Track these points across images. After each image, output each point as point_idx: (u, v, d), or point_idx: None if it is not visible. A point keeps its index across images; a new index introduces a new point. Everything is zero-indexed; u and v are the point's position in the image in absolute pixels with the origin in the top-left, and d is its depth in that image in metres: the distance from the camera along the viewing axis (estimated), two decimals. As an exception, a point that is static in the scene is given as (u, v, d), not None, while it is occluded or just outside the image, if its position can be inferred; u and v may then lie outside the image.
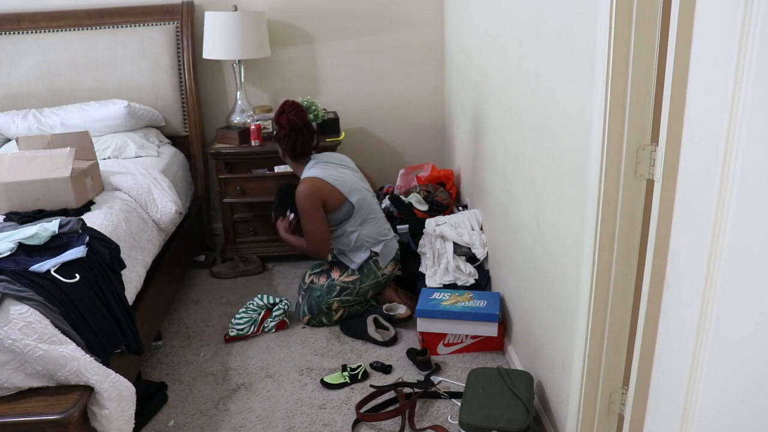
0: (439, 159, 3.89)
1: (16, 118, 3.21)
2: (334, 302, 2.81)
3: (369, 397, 2.31)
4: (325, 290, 2.82)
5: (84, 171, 2.56)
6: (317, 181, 2.72)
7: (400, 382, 2.41)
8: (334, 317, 2.83)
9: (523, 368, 2.33)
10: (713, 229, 1.13)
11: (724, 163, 1.08)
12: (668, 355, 1.39)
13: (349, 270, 2.82)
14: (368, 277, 2.82)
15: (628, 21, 1.35)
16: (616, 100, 1.40)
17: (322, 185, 2.72)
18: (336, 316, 2.83)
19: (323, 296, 2.81)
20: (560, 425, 1.96)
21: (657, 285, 1.39)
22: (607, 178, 1.46)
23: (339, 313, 2.83)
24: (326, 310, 2.82)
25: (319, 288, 2.83)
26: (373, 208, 2.85)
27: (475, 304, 2.54)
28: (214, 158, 3.34)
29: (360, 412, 2.23)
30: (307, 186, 2.71)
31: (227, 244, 3.48)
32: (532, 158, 2.07)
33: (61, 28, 3.39)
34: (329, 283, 2.82)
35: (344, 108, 3.73)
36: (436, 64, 3.75)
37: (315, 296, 2.83)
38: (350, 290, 2.81)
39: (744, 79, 1.01)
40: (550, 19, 1.82)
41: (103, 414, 1.84)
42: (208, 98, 3.70)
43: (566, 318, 1.82)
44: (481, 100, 2.79)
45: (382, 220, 2.90)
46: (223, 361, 2.63)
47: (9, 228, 2.24)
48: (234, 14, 3.31)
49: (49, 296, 1.86)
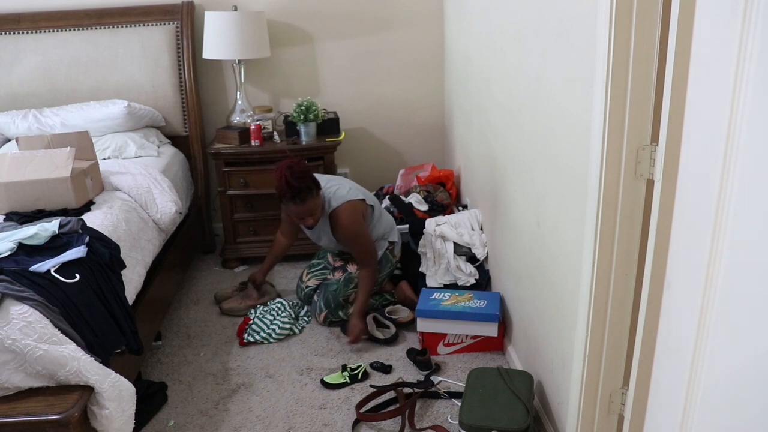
0: (439, 159, 3.89)
1: (16, 118, 3.20)
2: (352, 294, 2.81)
3: (369, 397, 2.31)
4: (342, 283, 2.82)
5: (84, 171, 2.56)
6: (351, 204, 2.67)
7: (400, 382, 2.41)
8: (351, 311, 2.82)
9: (523, 368, 2.33)
10: (713, 229, 1.13)
11: (724, 163, 1.08)
12: (668, 355, 1.39)
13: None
14: (386, 267, 2.86)
15: (628, 21, 1.35)
16: (616, 100, 1.40)
17: (356, 204, 2.69)
18: (352, 310, 2.83)
19: (340, 289, 2.81)
20: (560, 425, 1.96)
21: (657, 285, 1.39)
22: (607, 178, 1.46)
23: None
24: (343, 302, 2.82)
25: (336, 282, 2.83)
26: (378, 202, 2.90)
27: (475, 304, 2.54)
28: (214, 158, 3.34)
29: (360, 412, 2.23)
30: (349, 213, 2.65)
31: (227, 244, 3.48)
32: (532, 158, 2.07)
33: (61, 28, 3.39)
34: (346, 276, 2.83)
35: (344, 108, 3.73)
36: (436, 64, 3.75)
37: (331, 290, 2.82)
38: None
39: (744, 79, 1.01)
40: (550, 19, 1.82)
41: (103, 414, 1.84)
42: (208, 98, 3.70)
43: (566, 318, 1.82)
44: (481, 100, 2.79)
45: (385, 211, 2.96)
46: (223, 361, 2.63)
47: (9, 228, 2.24)
48: (234, 14, 3.31)
49: (49, 296, 1.86)
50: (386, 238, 2.84)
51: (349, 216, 2.64)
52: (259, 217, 3.41)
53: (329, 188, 2.71)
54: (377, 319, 2.77)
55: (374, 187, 3.74)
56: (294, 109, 3.33)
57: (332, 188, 2.71)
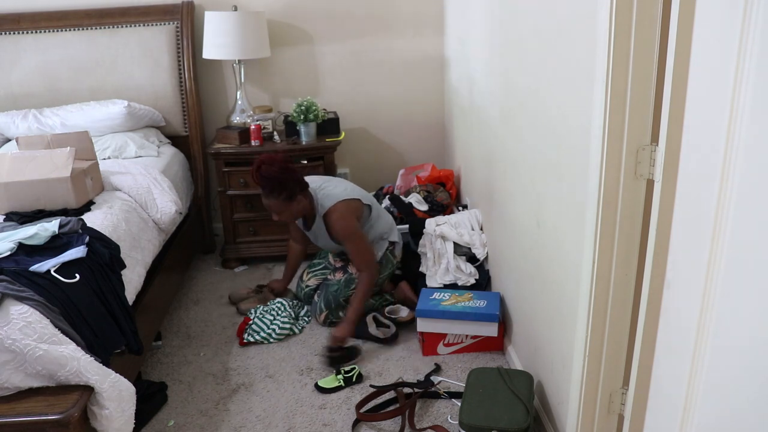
0: (439, 159, 3.89)
1: (16, 118, 3.21)
2: (352, 294, 2.81)
3: (369, 397, 2.31)
4: (342, 284, 2.82)
5: (84, 171, 2.56)
6: (344, 203, 2.65)
7: (400, 382, 2.41)
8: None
9: (523, 368, 2.33)
10: (713, 229, 1.13)
11: (724, 163, 1.08)
12: (668, 355, 1.39)
13: None
14: (386, 267, 2.85)
15: (628, 21, 1.35)
16: (616, 100, 1.40)
17: (350, 204, 2.67)
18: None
19: (341, 290, 2.81)
20: (560, 425, 1.96)
21: (657, 285, 1.39)
22: (607, 178, 1.46)
23: None
24: (343, 303, 2.81)
25: (336, 282, 2.83)
26: (376, 203, 2.89)
27: (475, 304, 2.54)
28: (214, 158, 3.34)
29: (360, 412, 2.23)
30: (341, 213, 2.63)
31: (227, 244, 3.48)
32: (532, 158, 2.07)
33: (61, 28, 3.39)
34: (347, 277, 2.83)
35: (344, 108, 3.73)
36: (436, 64, 3.75)
37: (332, 291, 2.82)
38: None
39: (744, 79, 1.01)
40: (550, 19, 1.82)
41: (103, 414, 1.84)
42: (208, 98, 3.70)
43: (566, 318, 1.82)
44: (481, 101, 2.79)
45: (384, 211, 2.95)
46: (223, 361, 2.63)
47: (9, 228, 2.24)
48: (234, 14, 3.31)
49: (49, 296, 1.86)
50: (386, 238, 2.84)
51: (340, 216, 2.64)
52: (259, 217, 3.41)
53: (323, 188, 2.70)
54: (377, 319, 2.77)
55: (374, 187, 3.74)
56: (294, 109, 3.33)
57: (326, 189, 2.70)
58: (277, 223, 3.07)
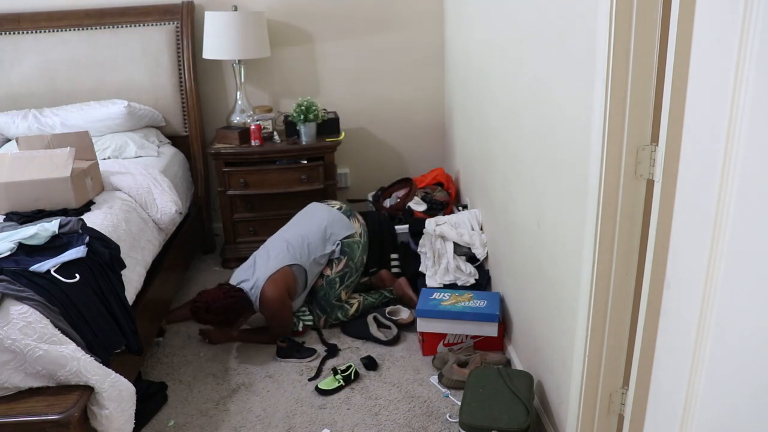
0: (439, 159, 3.89)
1: (16, 118, 3.21)
2: (341, 292, 2.81)
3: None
4: (326, 287, 2.82)
5: (84, 171, 2.56)
6: (271, 281, 2.64)
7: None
8: (350, 311, 2.82)
9: (523, 368, 2.33)
10: (713, 229, 1.13)
11: (724, 163, 1.08)
12: (668, 355, 1.39)
13: (335, 260, 2.82)
14: (354, 251, 2.85)
15: (628, 21, 1.35)
16: (616, 100, 1.40)
17: (276, 279, 2.65)
18: (351, 310, 2.83)
19: (327, 292, 2.81)
20: (560, 425, 1.96)
21: (657, 285, 1.39)
22: (607, 178, 1.46)
23: (354, 306, 2.83)
24: (337, 303, 2.82)
25: (321, 288, 2.83)
26: (310, 242, 2.78)
27: (475, 304, 2.54)
28: (214, 158, 3.34)
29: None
30: (273, 287, 2.63)
31: (227, 244, 3.48)
32: (532, 158, 2.07)
33: (61, 28, 3.39)
34: (327, 280, 2.82)
35: (344, 108, 3.73)
36: (436, 64, 3.75)
37: (320, 296, 2.83)
38: (349, 272, 2.83)
39: (744, 79, 1.01)
40: (551, 19, 1.82)
41: (103, 414, 1.85)
42: (208, 98, 3.70)
43: (566, 318, 1.82)
44: (481, 100, 2.79)
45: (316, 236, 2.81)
46: (223, 361, 2.63)
47: (9, 228, 2.24)
48: (234, 14, 3.31)
49: (49, 296, 1.86)
50: (334, 244, 2.82)
51: (270, 291, 2.63)
52: (259, 217, 3.41)
53: (252, 278, 2.68)
54: (378, 320, 2.77)
55: (374, 187, 3.74)
56: (294, 109, 3.33)
57: (255, 273, 2.69)
58: (277, 224, 3.07)
